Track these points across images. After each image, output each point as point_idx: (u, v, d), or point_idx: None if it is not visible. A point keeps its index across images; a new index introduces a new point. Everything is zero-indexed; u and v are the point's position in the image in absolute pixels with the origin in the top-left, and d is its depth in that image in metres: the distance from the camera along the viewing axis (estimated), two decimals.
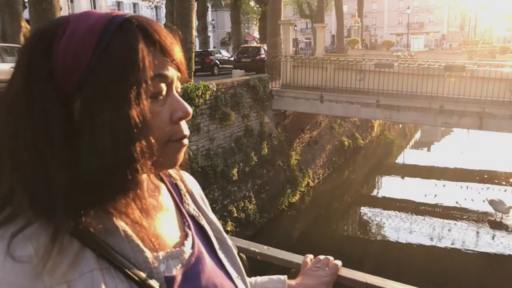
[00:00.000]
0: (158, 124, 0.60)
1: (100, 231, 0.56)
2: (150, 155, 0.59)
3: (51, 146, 0.55)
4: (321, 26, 19.08)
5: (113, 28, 0.58)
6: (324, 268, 1.02)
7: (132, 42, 0.58)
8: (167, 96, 0.63)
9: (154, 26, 0.62)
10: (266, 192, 12.19)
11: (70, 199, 0.54)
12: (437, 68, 10.98)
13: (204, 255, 0.71)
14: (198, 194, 0.82)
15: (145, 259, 0.60)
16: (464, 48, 33.21)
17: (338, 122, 16.98)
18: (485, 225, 11.99)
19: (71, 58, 0.56)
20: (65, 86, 0.57)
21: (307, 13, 37.55)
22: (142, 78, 0.58)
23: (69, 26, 0.58)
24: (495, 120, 10.24)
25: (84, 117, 0.56)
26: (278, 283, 0.97)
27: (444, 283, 8.47)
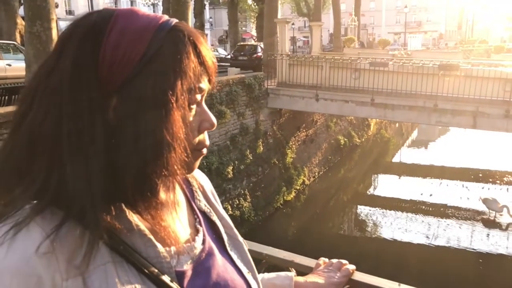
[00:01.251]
0: (189, 133, 0.62)
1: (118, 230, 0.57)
2: (183, 163, 0.60)
3: (93, 141, 0.55)
4: (318, 24, 19.09)
5: (164, 33, 0.59)
6: (336, 271, 1.01)
7: (184, 53, 0.59)
8: (198, 106, 0.65)
9: (201, 39, 0.63)
10: (261, 190, 12.22)
11: (106, 198, 0.55)
12: (431, 67, 11.02)
13: (215, 251, 0.72)
14: (209, 190, 0.83)
15: (157, 254, 0.60)
16: (461, 47, 33.27)
17: (334, 121, 17.01)
18: (479, 224, 12.06)
19: (120, 56, 0.57)
20: (107, 82, 0.57)
21: (305, 12, 37.55)
22: (188, 89, 0.60)
23: (118, 22, 0.59)
24: (488, 119, 10.29)
25: (125, 117, 0.56)
26: (285, 279, 0.96)
27: (440, 281, 8.51)
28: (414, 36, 41.01)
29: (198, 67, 0.61)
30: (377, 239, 12.07)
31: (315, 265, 1.05)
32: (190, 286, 0.64)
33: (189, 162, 0.62)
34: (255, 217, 11.50)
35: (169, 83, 0.58)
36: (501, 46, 30.33)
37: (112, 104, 0.57)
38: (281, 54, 13.66)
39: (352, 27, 28.82)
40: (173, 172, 0.59)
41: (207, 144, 0.68)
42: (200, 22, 20.77)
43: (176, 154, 0.58)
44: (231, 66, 17.35)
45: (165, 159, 0.57)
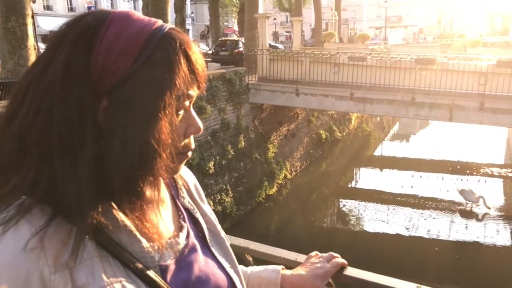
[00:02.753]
0: (175, 138, 0.63)
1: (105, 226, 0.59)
2: (168, 167, 0.62)
3: (83, 141, 0.56)
4: (298, 19, 19.14)
5: (156, 40, 0.60)
6: (324, 262, 1.01)
7: (174, 61, 0.61)
8: (185, 111, 0.66)
9: (192, 47, 0.64)
10: (243, 185, 12.27)
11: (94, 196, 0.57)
12: (409, 62, 11.19)
13: (197, 247, 0.74)
14: (193, 185, 0.85)
15: (142, 249, 0.63)
16: (439, 41, 33.76)
17: (315, 115, 17.13)
18: (457, 215, 12.33)
19: (112, 60, 0.58)
20: (99, 84, 0.58)
21: (286, 6, 37.60)
22: (176, 96, 0.61)
23: (112, 26, 0.60)
24: (464, 112, 10.50)
25: (114, 121, 0.58)
26: (272, 273, 0.98)
27: (419, 270, 8.68)
28: (394, 31, 41.44)
29: (188, 75, 0.62)
30: (359, 231, 12.24)
31: (307, 257, 1.07)
32: (174, 280, 0.67)
33: (174, 166, 0.64)
34: (237, 211, 11.56)
35: (159, 91, 0.59)
36: (477, 40, 30.89)
37: (103, 106, 0.58)
38: (262, 49, 13.68)
39: (333, 22, 28.94)
40: (158, 176, 0.61)
41: (192, 147, 0.70)
42: (181, 18, 20.58)
43: (162, 160, 0.60)
44: (212, 61, 17.31)
45: (151, 164, 0.59)
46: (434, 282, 7.75)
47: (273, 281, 0.96)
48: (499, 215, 12.22)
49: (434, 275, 8.67)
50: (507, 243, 11.05)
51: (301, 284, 0.97)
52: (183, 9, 21.38)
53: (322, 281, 0.98)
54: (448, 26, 64.19)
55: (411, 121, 23.36)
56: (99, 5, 38.62)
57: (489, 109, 10.21)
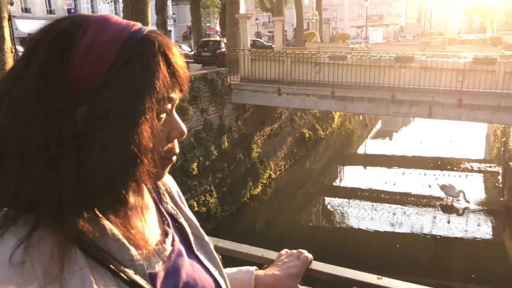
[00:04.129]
0: (157, 143, 0.61)
1: (91, 233, 0.57)
2: (151, 173, 0.60)
3: (62, 149, 0.55)
4: (279, 19, 19.23)
5: (134, 44, 0.59)
6: (295, 260, 1.02)
7: (153, 64, 0.59)
8: (167, 115, 0.65)
9: (172, 49, 0.63)
10: (228, 186, 12.28)
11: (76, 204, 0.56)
12: (388, 60, 11.34)
13: (183, 252, 0.74)
14: (176, 191, 0.83)
15: (130, 257, 0.62)
16: (420, 39, 34.25)
17: (299, 114, 17.23)
18: (438, 210, 12.54)
19: (89, 66, 0.56)
20: (77, 90, 0.56)
21: (268, 7, 37.62)
22: (157, 100, 0.59)
23: (89, 30, 0.58)
24: (443, 108, 10.69)
25: (93, 127, 0.56)
26: (246, 274, 0.98)
27: (403, 266, 8.81)
28: (375, 30, 41.86)
29: (168, 78, 0.61)
30: (343, 228, 12.36)
31: (277, 255, 1.07)
32: (163, 287, 0.66)
33: (158, 171, 0.63)
34: (222, 212, 11.55)
35: (138, 95, 0.58)
36: (455, 38, 31.46)
37: (81, 113, 0.56)
38: (243, 49, 13.70)
39: (314, 21, 29.10)
40: (141, 182, 0.60)
41: (177, 151, 0.68)
42: (162, 19, 20.44)
43: (144, 165, 0.59)
44: (194, 62, 17.24)
45: (132, 171, 0.58)
46: (417, 276, 7.87)
47: (247, 282, 0.96)
48: (479, 209, 12.47)
49: (417, 269, 8.81)
50: (486, 236, 11.29)
51: (274, 285, 0.98)
52: (164, 10, 21.24)
53: (295, 280, 0.99)
54: (428, 24, 65.19)
55: (393, 119, 23.67)
56: (79, 7, 38.11)
57: (467, 106, 10.42)
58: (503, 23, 18.52)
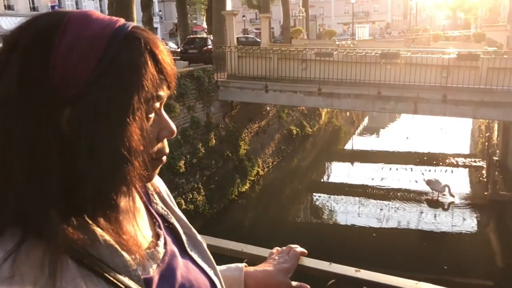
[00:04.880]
0: (147, 144, 0.59)
1: (82, 241, 0.54)
2: (142, 175, 0.58)
3: (47, 156, 0.52)
4: (266, 16, 19.22)
5: (119, 41, 0.56)
6: (285, 255, 1.01)
7: (140, 62, 0.56)
8: (156, 114, 0.62)
9: (159, 45, 0.60)
10: (215, 183, 12.26)
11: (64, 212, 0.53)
12: (373, 56, 11.41)
13: (177, 253, 0.72)
14: (164, 191, 0.81)
15: (124, 263, 0.59)
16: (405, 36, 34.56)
17: (286, 111, 17.27)
18: (424, 204, 12.70)
19: (72, 66, 0.53)
20: (60, 92, 0.53)
21: (255, 3, 37.61)
22: (145, 99, 0.57)
23: (69, 28, 0.55)
24: (428, 104, 10.80)
25: (79, 130, 0.53)
26: (235, 271, 0.96)
27: (390, 260, 8.90)
28: (362, 26, 42.06)
29: (156, 76, 0.58)
30: (332, 224, 12.45)
31: (269, 253, 1.05)
32: None
33: (149, 173, 0.60)
34: (210, 210, 11.54)
35: (125, 95, 0.55)
36: (439, 34, 31.82)
37: (66, 116, 0.53)
38: (230, 46, 13.67)
39: (300, 18, 29.16)
40: (132, 186, 0.58)
41: (167, 151, 0.66)
42: (148, 16, 20.29)
43: (134, 168, 0.56)
44: (181, 59, 17.16)
45: (123, 175, 0.55)
46: (403, 270, 7.96)
47: (237, 279, 0.94)
48: (464, 203, 12.66)
49: (404, 263, 8.91)
50: (471, 229, 11.47)
51: (265, 280, 0.96)
52: (150, 7, 21.10)
53: (286, 275, 0.97)
54: (414, 21, 65.77)
55: (380, 115, 23.86)
56: (63, 4, 37.59)
57: (452, 101, 10.55)
58: (486, 19, 18.79)
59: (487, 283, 8.79)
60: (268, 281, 0.96)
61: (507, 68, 10.07)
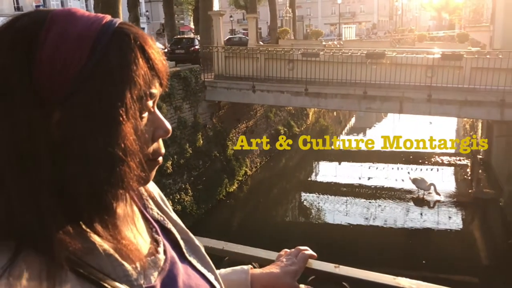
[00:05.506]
0: (142, 144, 0.57)
1: (80, 251, 0.52)
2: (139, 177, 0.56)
3: (37, 163, 0.49)
4: (253, 16, 19.26)
5: (107, 38, 0.53)
6: (293, 258, 0.98)
7: (130, 58, 0.54)
8: (150, 113, 0.60)
9: (148, 41, 0.58)
10: (203, 183, 12.24)
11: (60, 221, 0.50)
12: (359, 56, 11.51)
13: (176, 259, 0.70)
14: (158, 195, 0.78)
15: (125, 272, 0.57)
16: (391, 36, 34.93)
17: (274, 111, 17.30)
18: (410, 203, 12.83)
19: (59, 66, 0.50)
20: (47, 95, 0.50)
21: (242, 4, 37.61)
22: (138, 97, 0.54)
23: (53, 26, 0.52)
24: (413, 103, 10.93)
25: (70, 134, 0.51)
26: (241, 274, 0.94)
27: (377, 258, 8.99)
28: (348, 27, 42.37)
29: (148, 73, 0.56)
30: (320, 223, 12.51)
31: (277, 256, 1.03)
32: None
33: (146, 175, 0.58)
34: (198, 210, 11.52)
35: (117, 94, 0.52)
36: (423, 34, 32.25)
37: (55, 120, 0.51)
38: (217, 46, 13.67)
39: (287, 19, 29.27)
40: (129, 189, 0.56)
41: (163, 152, 0.63)
42: (134, 16, 20.16)
43: (131, 170, 0.54)
44: (168, 59, 17.07)
45: (118, 177, 0.53)
46: (390, 267, 8.04)
47: (243, 283, 0.92)
48: (449, 201, 12.82)
49: (390, 260, 9.00)
50: (456, 227, 11.64)
51: (271, 283, 0.94)
52: (137, 7, 20.97)
53: (293, 277, 0.95)
54: (400, 22, 66.45)
55: (367, 115, 24.02)
56: (48, 4, 37.16)
57: (436, 100, 10.69)
58: (469, 20, 19.09)
59: (472, 279, 8.92)
60: (274, 284, 0.94)
61: (490, 68, 10.24)
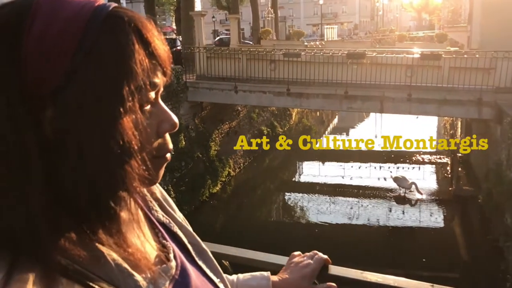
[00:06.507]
0: (147, 139, 0.52)
1: (84, 259, 0.48)
2: (143, 177, 0.51)
3: (26, 164, 0.45)
4: (235, 17, 19.27)
5: (100, 21, 0.48)
6: (309, 260, 0.96)
7: (126, 44, 0.48)
8: (153, 105, 0.54)
9: (147, 25, 0.52)
10: (186, 185, 12.16)
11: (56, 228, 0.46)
12: (340, 56, 11.59)
13: (187, 266, 0.66)
14: (161, 195, 0.73)
15: (136, 283, 0.52)
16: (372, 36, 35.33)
17: (257, 112, 17.30)
18: (392, 201, 12.98)
19: (46, 58, 0.46)
20: (36, 89, 0.46)
21: (225, 5, 37.53)
22: (136, 87, 0.49)
23: (39, 13, 0.47)
24: (393, 103, 11.05)
25: (63, 132, 0.46)
26: (262, 280, 0.91)
27: (360, 256, 9.05)
28: (331, 27, 42.69)
29: (146, 60, 0.50)
30: (304, 223, 12.56)
31: (290, 257, 1.01)
32: None
33: (151, 174, 0.53)
34: (181, 211, 11.35)
35: (112, 84, 0.47)
36: (403, 34, 32.79)
37: (48, 116, 0.46)
38: (199, 47, 13.61)
39: (269, 19, 29.36)
40: (132, 191, 0.51)
41: (170, 148, 0.58)
42: None
43: (133, 169, 0.49)
44: None
45: (120, 177, 0.48)
46: (373, 266, 8.10)
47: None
48: (431, 199, 13.01)
49: (373, 258, 9.09)
50: (437, 224, 11.82)
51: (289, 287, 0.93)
52: None
53: (310, 281, 0.94)
54: (381, 22, 67.25)
55: (350, 115, 24.23)
56: None
57: (416, 100, 10.83)
58: (448, 20, 19.43)
59: (453, 275, 9.05)
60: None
61: (468, 67, 10.42)
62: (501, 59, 10.18)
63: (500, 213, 9.19)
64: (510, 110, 9.36)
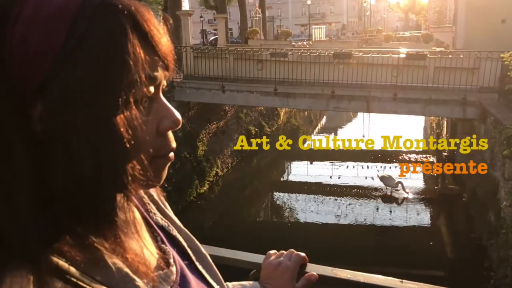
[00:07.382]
0: (143, 138, 0.48)
1: (82, 262, 0.46)
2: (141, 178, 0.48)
3: (10, 162, 0.42)
4: (222, 17, 19.26)
5: (91, 8, 0.44)
6: (286, 261, 0.94)
7: (119, 33, 0.45)
8: (153, 101, 0.51)
9: (144, 14, 0.48)
10: (173, 185, 12.08)
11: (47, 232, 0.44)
12: (327, 56, 11.64)
13: (186, 271, 0.64)
14: (157, 197, 0.70)
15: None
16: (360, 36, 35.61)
17: (244, 111, 17.29)
18: (379, 200, 13.08)
19: (34, 49, 0.42)
20: (23, 84, 0.43)
21: (213, 4, 37.45)
22: (132, 81, 0.46)
23: (26, 3, 0.44)
24: (379, 102, 11.15)
25: (52, 129, 0.43)
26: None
27: (348, 255, 9.09)
28: (318, 27, 42.86)
29: (142, 51, 0.46)
30: (292, 222, 12.58)
31: (265, 256, 0.98)
32: None
33: (150, 175, 0.50)
34: None
35: (102, 77, 0.44)
36: (390, 35, 33.12)
37: (37, 113, 0.43)
38: (185, 46, 13.56)
39: (257, 19, 29.39)
40: (130, 192, 0.48)
41: (173, 146, 0.54)
42: None
43: (126, 169, 0.47)
44: None
45: (117, 179, 0.46)
46: (360, 264, 8.16)
47: None
48: (417, 198, 13.13)
49: (360, 257, 9.14)
50: (424, 223, 11.93)
51: None
52: None
53: (292, 282, 0.92)
54: (368, 22, 67.77)
55: (338, 115, 24.36)
56: None
57: (402, 99, 10.93)
58: (434, 21, 19.65)
59: (438, 273, 9.15)
60: None
61: (452, 67, 10.54)
62: (485, 59, 10.32)
63: (483, 212, 9.32)
64: (493, 109, 9.50)
